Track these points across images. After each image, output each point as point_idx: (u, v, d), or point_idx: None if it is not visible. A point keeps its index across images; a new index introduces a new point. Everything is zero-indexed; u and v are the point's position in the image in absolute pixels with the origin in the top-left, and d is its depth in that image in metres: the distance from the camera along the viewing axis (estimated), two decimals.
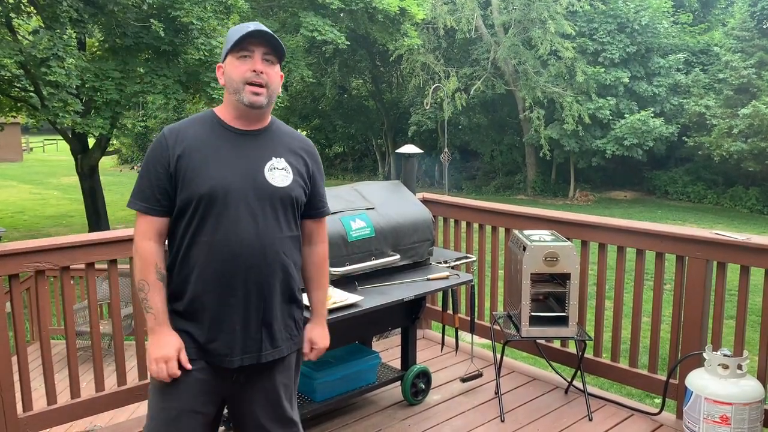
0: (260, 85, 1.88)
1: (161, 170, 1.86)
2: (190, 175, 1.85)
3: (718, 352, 2.89)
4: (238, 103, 1.90)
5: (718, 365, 2.85)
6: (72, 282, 3.20)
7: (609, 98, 21.52)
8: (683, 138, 21.38)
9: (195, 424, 1.90)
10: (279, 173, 1.93)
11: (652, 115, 20.82)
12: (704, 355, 2.94)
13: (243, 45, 1.88)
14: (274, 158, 1.94)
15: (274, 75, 1.92)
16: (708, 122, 20.22)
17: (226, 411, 2.12)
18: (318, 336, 2.16)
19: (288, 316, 1.99)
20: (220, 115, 1.95)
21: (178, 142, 1.87)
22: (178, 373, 1.86)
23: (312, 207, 2.06)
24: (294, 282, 1.99)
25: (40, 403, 3.05)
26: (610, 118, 21.35)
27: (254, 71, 1.88)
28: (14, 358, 2.89)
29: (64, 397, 3.11)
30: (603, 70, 21.48)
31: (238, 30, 1.91)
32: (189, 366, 1.87)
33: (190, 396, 1.89)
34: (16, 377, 2.87)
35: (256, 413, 1.99)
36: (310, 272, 2.13)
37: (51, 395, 3.03)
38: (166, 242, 1.95)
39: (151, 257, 1.87)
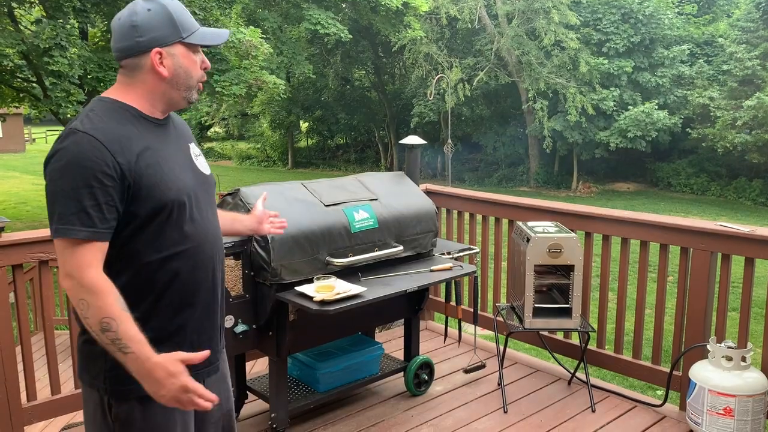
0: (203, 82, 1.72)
1: (110, 183, 1.50)
2: (152, 182, 1.57)
3: (722, 344, 2.88)
4: (183, 99, 1.67)
5: (722, 357, 2.85)
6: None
7: (612, 89, 21.44)
8: (687, 130, 21.32)
9: None
10: (201, 160, 1.78)
11: (656, 107, 20.75)
12: (708, 347, 2.93)
13: (197, 35, 1.66)
14: (190, 145, 1.77)
15: None
16: (712, 114, 20.14)
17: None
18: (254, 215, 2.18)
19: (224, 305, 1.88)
20: (135, 106, 1.63)
21: (122, 146, 1.54)
22: (203, 389, 1.53)
23: None
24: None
25: (44, 392, 3.06)
26: (614, 109, 21.28)
27: (204, 69, 1.70)
28: (18, 348, 2.90)
29: (68, 387, 3.13)
30: (607, 61, 21.40)
31: (185, 14, 1.64)
32: (201, 356, 1.56)
33: (183, 420, 1.71)
34: (20, 367, 2.88)
35: (216, 406, 1.74)
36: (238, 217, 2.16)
37: (55, 385, 3.04)
38: (110, 266, 1.56)
39: (107, 287, 1.50)
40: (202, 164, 1.78)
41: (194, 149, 1.79)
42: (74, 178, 1.49)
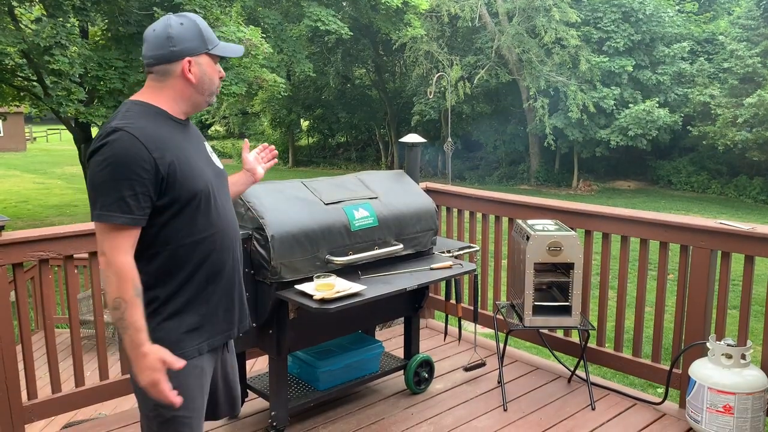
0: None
1: (146, 176, 1.71)
2: (184, 175, 1.79)
3: (722, 342, 2.88)
4: (205, 103, 1.92)
5: (722, 355, 2.85)
6: (76, 271, 3.21)
7: (613, 87, 21.43)
8: (687, 127, 21.30)
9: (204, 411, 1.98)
10: (214, 156, 2.04)
11: (657, 105, 20.73)
12: (708, 344, 2.94)
13: (219, 47, 1.91)
14: (205, 143, 2.02)
15: None
16: (712, 112, 20.13)
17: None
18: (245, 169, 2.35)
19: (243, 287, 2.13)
20: (165, 109, 1.86)
21: (157, 145, 1.75)
22: (168, 391, 1.74)
23: None
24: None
25: (45, 391, 3.07)
26: (615, 107, 21.26)
27: (221, 78, 1.95)
28: (19, 347, 2.91)
29: (68, 386, 3.13)
30: (607, 59, 21.38)
31: (208, 30, 1.90)
32: (179, 365, 1.76)
33: (203, 390, 1.94)
34: (20, 366, 2.89)
35: (229, 378, 2.11)
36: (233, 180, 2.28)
37: (56, 383, 3.05)
38: (140, 246, 1.79)
39: (130, 273, 1.72)
40: (217, 161, 2.03)
41: (208, 147, 2.03)
42: (116, 171, 1.70)
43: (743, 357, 2.83)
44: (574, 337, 3.66)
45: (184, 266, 1.84)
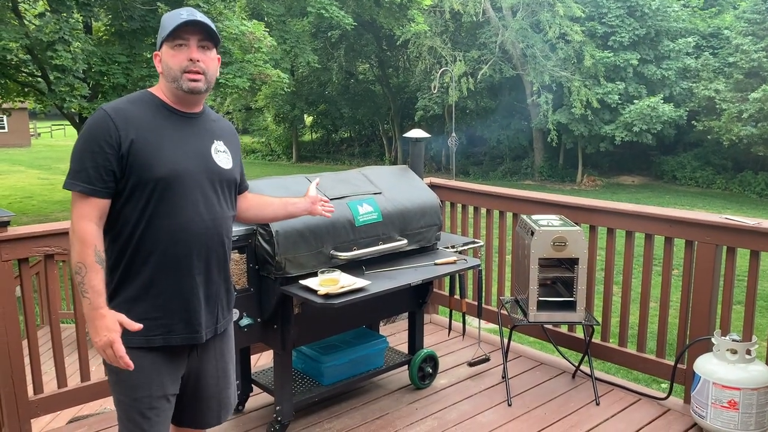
0: (197, 72, 1.91)
1: (109, 150, 1.80)
2: (145, 158, 1.83)
3: (727, 337, 2.88)
4: (177, 90, 1.92)
5: (727, 350, 2.85)
6: None
7: (618, 82, 21.35)
8: (692, 122, 21.22)
9: (168, 408, 1.96)
10: (222, 156, 2.02)
11: (662, 100, 20.66)
12: (713, 340, 2.93)
13: (177, 34, 1.89)
14: (215, 141, 2.02)
15: (211, 61, 1.96)
16: (717, 106, 20.05)
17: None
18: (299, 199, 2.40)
19: (227, 290, 2.08)
20: (159, 96, 1.94)
21: (128, 124, 1.83)
22: (123, 353, 1.78)
23: (241, 184, 2.18)
24: (229, 258, 2.08)
25: (50, 385, 3.08)
26: (619, 102, 21.19)
27: (191, 60, 1.90)
28: (25, 342, 2.92)
29: (74, 380, 3.14)
30: (612, 54, 21.29)
31: (171, 18, 1.91)
32: (137, 327, 1.81)
33: (159, 381, 1.92)
34: (26, 360, 2.90)
35: (210, 383, 2.07)
36: (258, 202, 2.31)
37: (61, 378, 3.06)
38: (106, 225, 1.88)
39: (90, 239, 1.80)
40: (222, 160, 2.01)
41: (219, 146, 2.02)
42: (84, 143, 1.83)
43: (748, 352, 2.83)
44: (579, 333, 3.66)
45: (138, 252, 1.87)
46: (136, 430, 1.90)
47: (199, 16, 1.91)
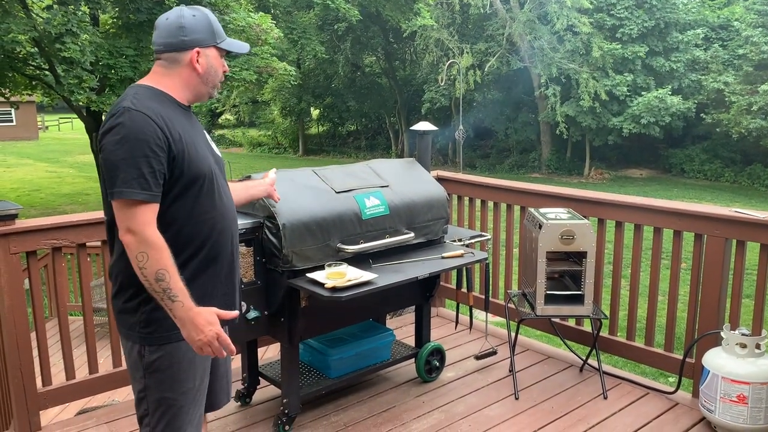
0: None
1: (161, 154, 1.77)
2: (190, 157, 1.85)
3: (736, 331, 2.86)
4: (207, 94, 1.97)
5: (736, 344, 2.83)
6: (89, 259, 3.23)
7: (626, 74, 21.22)
8: (701, 115, 21.09)
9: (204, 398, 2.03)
10: (214, 144, 2.09)
11: (670, 92, 20.52)
12: (722, 334, 2.91)
13: (227, 42, 1.97)
14: (206, 133, 2.08)
15: None
16: (727, 99, 19.91)
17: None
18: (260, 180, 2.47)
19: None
20: (169, 93, 1.91)
21: (168, 125, 1.82)
22: (229, 341, 1.83)
23: None
24: None
25: (59, 377, 3.10)
26: (627, 94, 21.07)
27: (224, 72, 2.00)
28: (33, 334, 2.93)
29: (82, 372, 3.16)
30: (620, 46, 21.15)
31: (217, 24, 1.96)
32: (233, 314, 1.86)
33: (202, 369, 1.98)
34: (35, 353, 2.91)
35: (220, 360, 2.11)
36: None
37: (70, 370, 3.07)
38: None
39: (163, 244, 1.77)
40: (216, 148, 2.09)
41: (207, 135, 2.09)
42: (133, 148, 1.74)
43: (758, 347, 2.81)
44: (586, 326, 3.65)
45: (187, 246, 1.88)
46: (184, 423, 1.92)
47: (245, 46, 2.04)
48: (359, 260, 2.85)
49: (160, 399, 1.90)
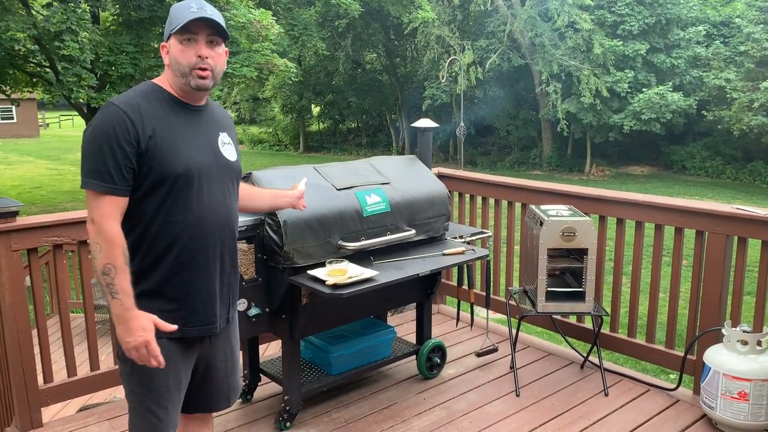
0: (205, 69, 1.89)
1: (128, 148, 1.77)
2: (163, 154, 1.82)
3: (738, 328, 2.86)
4: (185, 86, 1.90)
5: (737, 341, 2.83)
6: (90, 256, 3.22)
7: (627, 71, 21.18)
8: (702, 112, 21.05)
9: (180, 399, 1.98)
10: (228, 148, 2.02)
11: (671, 89, 20.48)
12: (723, 331, 2.91)
13: (187, 28, 1.85)
14: (221, 133, 2.02)
15: (218, 56, 1.93)
16: (728, 96, 19.85)
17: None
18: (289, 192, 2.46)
19: (236, 280, 2.11)
20: (166, 88, 1.92)
21: (144, 120, 1.80)
22: (158, 352, 1.81)
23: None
24: (237, 249, 2.11)
25: (60, 374, 3.10)
26: (628, 91, 21.03)
27: (200, 56, 1.87)
28: (34, 331, 2.93)
29: (83, 369, 3.16)
30: (621, 42, 21.11)
31: (180, 10, 1.86)
32: (171, 327, 1.83)
33: (175, 371, 1.93)
34: (36, 350, 2.91)
35: (220, 367, 2.09)
36: (249, 193, 2.36)
37: (71, 367, 3.08)
38: (124, 223, 1.85)
39: (118, 239, 1.77)
40: (228, 152, 2.01)
41: (224, 138, 2.02)
42: (99, 141, 1.77)
43: (759, 343, 2.81)
44: (587, 323, 3.65)
45: (154, 247, 1.86)
46: (152, 421, 1.91)
47: (209, 11, 1.87)
48: (360, 257, 2.85)
49: (130, 392, 1.95)
